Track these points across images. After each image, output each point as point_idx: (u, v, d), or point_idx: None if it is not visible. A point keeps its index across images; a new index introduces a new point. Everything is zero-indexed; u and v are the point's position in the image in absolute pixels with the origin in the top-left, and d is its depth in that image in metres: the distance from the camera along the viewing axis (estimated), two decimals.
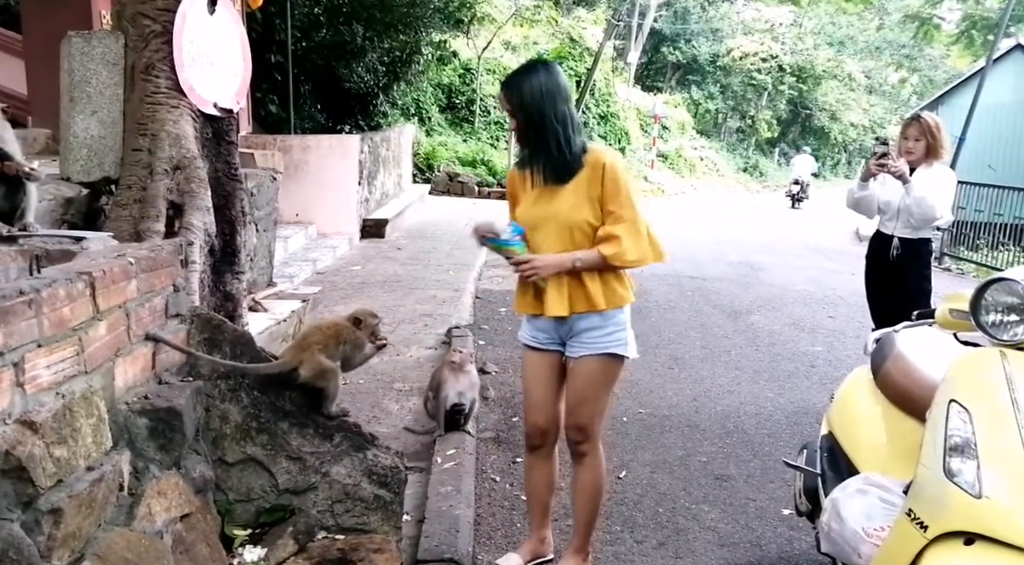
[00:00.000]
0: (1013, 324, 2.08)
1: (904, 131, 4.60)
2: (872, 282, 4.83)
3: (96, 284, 2.23)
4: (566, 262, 2.75)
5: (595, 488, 3.01)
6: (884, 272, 4.65)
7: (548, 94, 2.73)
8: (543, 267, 2.76)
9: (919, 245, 4.61)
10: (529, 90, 2.74)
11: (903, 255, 4.58)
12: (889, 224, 4.65)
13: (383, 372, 5.16)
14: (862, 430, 2.75)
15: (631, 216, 2.75)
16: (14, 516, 1.87)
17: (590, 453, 2.97)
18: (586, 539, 3.06)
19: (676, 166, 27.62)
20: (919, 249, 4.61)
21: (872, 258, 4.83)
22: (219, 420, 2.84)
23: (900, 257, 4.58)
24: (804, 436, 4.12)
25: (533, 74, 2.77)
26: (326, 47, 12.06)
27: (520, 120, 2.78)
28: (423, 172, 17.44)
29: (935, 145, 4.49)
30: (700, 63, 34.10)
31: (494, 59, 22.07)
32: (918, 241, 4.60)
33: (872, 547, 2.16)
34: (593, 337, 2.83)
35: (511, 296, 8.28)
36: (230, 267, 4.06)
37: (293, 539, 2.80)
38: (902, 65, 42.35)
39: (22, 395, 1.92)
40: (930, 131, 4.48)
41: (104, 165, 3.97)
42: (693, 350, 6.31)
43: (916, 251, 4.60)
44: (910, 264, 4.57)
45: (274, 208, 6.44)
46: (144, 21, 3.73)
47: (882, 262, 4.67)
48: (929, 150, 4.50)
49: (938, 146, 4.50)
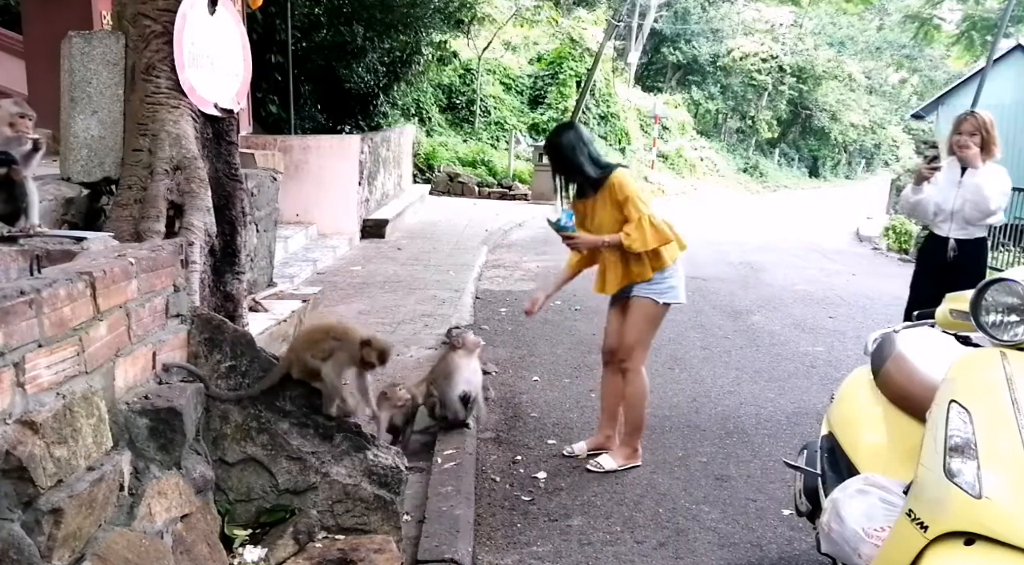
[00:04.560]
0: (1013, 324, 2.08)
1: (958, 126, 4.61)
2: (922, 282, 4.87)
3: (97, 284, 2.23)
4: (597, 242, 3.93)
5: (636, 398, 4.03)
6: (939, 272, 4.65)
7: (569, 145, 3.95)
8: (582, 243, 3.96)
9: (975, 245, 4.65)
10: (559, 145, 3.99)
11: (960, 256, 4.62)
12: (944, 226, 4.68)
13: (384, 373, 5.15)
14: (862, 430, 2.75)
15: (636, 216, 3.81)
16: (15, 516, 1.87)
17: (632, 371, 4.02)
18: (633, 438, 4.09)
19: (676, 167, 27.62)
20: (975, 249, 4.65)
21: (926, 258, 4.88)
22: (219, 420, 2.84)
23: (957, 258, 4.61)
24: (804, 436, 4.12)
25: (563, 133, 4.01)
26: (326, 47, 12.07)
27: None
28: (423, 172, 17.45)
29: (989, 141, 4.52)
30: (700, 63, 34.11)
31: (494, 59, 22.09)
32: (974, 241, 4.64)
33: (872, 547, 2.16)
34: (641, 288, 3.96)
35: (511, 296, 8.30)
36: (230, 267, 4.06)
37: (293, 539, 2.80)
38: (902, 65, 42.41)
39: (23, 395, 1.92)
40: (984, 127, 4.52)
41: (104, 165, 3.97)
42: (693, 350, 6.31)
43: (973, 251, 4.65)
44: (968, 265, 4.59)
45: (274, 208, 6.44)
46: (145, 21, 3.73)
47: (937, 262, 4.70)
48: (983, 146, 4.52)
49: (991, 142, 4.53)
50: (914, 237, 13.25)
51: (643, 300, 3.95)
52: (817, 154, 40.49)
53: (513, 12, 21.03)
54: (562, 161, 3.96)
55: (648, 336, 4.04)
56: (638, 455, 4.11)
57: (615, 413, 4.20)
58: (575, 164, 3.92)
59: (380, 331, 6.13)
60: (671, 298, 3.98)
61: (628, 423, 4.09)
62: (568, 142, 3.93)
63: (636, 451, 4.10)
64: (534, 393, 5.17)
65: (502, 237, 12.33)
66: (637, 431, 4.08)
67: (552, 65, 23.06)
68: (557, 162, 4.00)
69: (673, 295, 3.98)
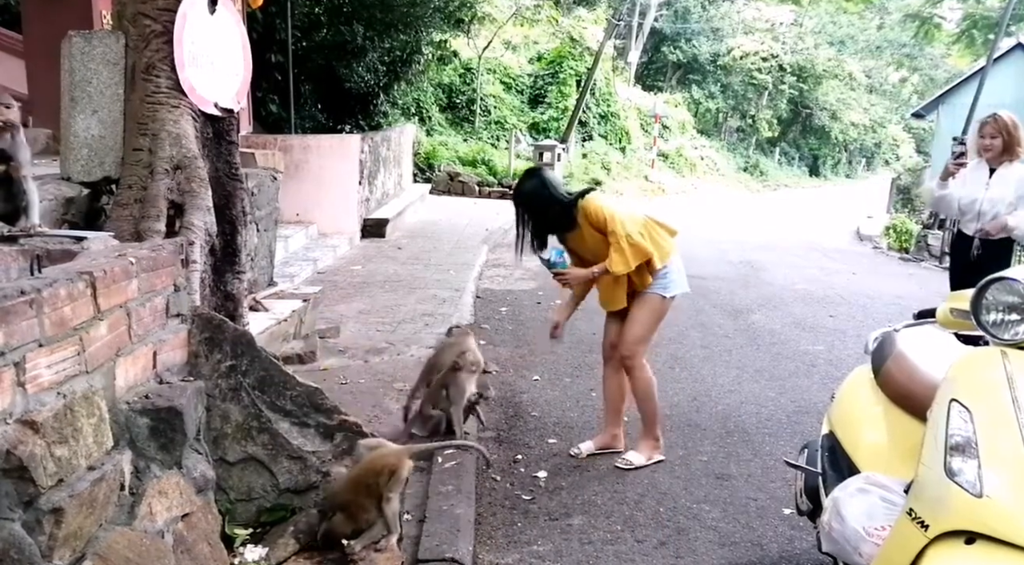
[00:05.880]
0: (1014, 323, 2.08)
1: (981, 129, 4.71)
2: (956, 279, 4.94)
3: (97, 284, 2.23)
4: (586, 275, 4.01)
5: (644, 392, 4.11)
6: (967, 271, 4.70)
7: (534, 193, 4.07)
8: (572, 278, 4.07)
9: (999, 245, 4.69)
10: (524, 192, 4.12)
11: (984, 255, 4.66)
12: (970, 225, 4.74)
13: (384, 372, 5.16)
14: (863, 429, 2.75)
15: (614, 239, 3.85)
16: (15, 515, 1.87)
17: (636, 366, 4.08)
18: (653, 429, 4.14)
19: (677, 166, 27.61)
20: (999, 250, 4.70)
21: (955, 256, 4.99)
22: (220, 420, 2.84)
23: (981, 257, 4.65)
24: (805, 435, 4.12)
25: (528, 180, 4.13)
26: (326, 47, 12.06)
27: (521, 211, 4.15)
28: (424, 172, 17.43)
29: (1011, 142, 4.57)
30: (700, 62, 34.08)
31: (495, 59, 22.07)
32: (998, 242, 4.68)
33: (873, 546, 2.16)
34: (649, 287, 4.01)
35: (511, 296, 8.31)
36: (231, 267, 4.06)
37: (294, 538, 2.81)
38: (903, 64, 42.37)
39: (23, 395, 1.92)
40: (1006, 129, 4.59)
41: (105, 165, 3.97)
42: (693, 349, 6.31)
43: (996, 252, 4.69)
44: (991, 265, 4.60)
45: (275, 208, 6.44)
46: (145, 21, 3.73)
47: (964, 261, 4.77)
48: (1006, 147, 4.60)
49: (1014, 143, 4.60)
50: (914, 236, 13.26)
51: (651, 295, 4.01)
52: (817, 153, 40.48)
53: (513, 11, 21.02)
54: (530, 208, 4.08)
55: (652, 330, 4.13)
56: (661, 447, 4.16)
57: (619, 410, 4.24)
58: (543, 206, 4.01)
59: (381, 330, 6.15)
60: (676, 290, 4.05)
61: (645, 416, 4.14)
62: (532, 189, 4.04)
63: (658, 442, 4.16)
64: (534, 392, 5.17)
65: (502, 236, 12.32)
66: (655, 422, 4.14)
67: (552, 64, 23.05)
68: (527, 210, 4.10)
69: (676, 286, 4.05)
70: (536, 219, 4.08)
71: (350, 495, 2.83)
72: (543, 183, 4.04)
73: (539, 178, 4.09)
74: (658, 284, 4.00)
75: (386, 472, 2.86)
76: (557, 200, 3.99)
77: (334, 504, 2.84)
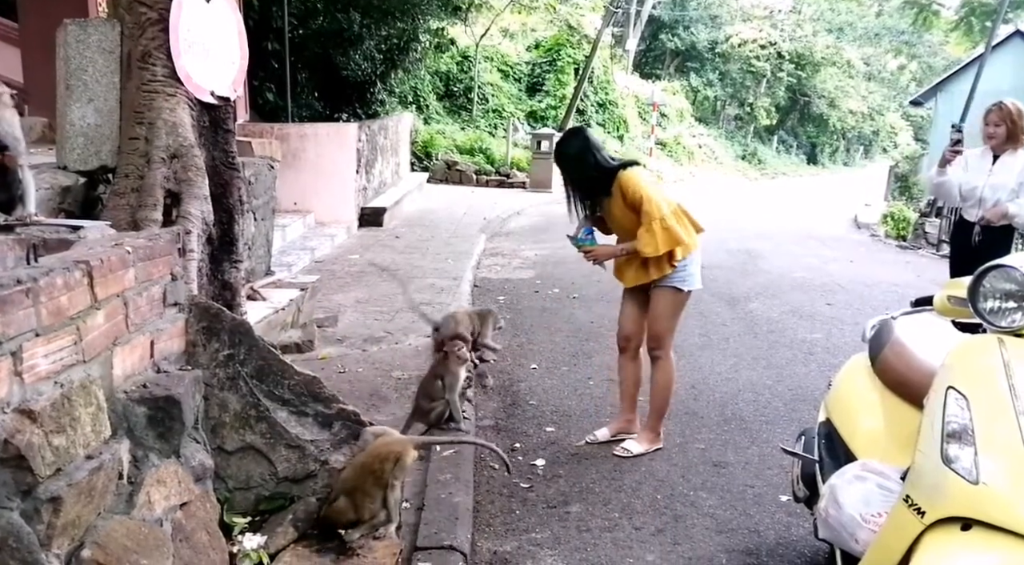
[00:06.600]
0: (1011, 311, 2.09)
1: (985, 117, 4.74)
2: (956, 266, 4.96)
3: (94, 273, 2.23)
4: (614, 251, 4.05)
5: (665, 385, 4.10)
6: (968, 257, 4.71)
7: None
8: (600, 255, 4.08)
9: (1000, 233, 4.72)
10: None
11: (984, 242, 4.69)
12: (972, 211, 4.77)
13: (382, 360, 5.16)
14: (860, 417, 2.76)
15: (647, 220, 3.81)
16: (13, 505, 1.87)
17: (663, 358, 4.08)
18: (657, 422, 4.16)
19: (675, 154, 27.56)
20: (999, 237, 4.72)
21: (956, 243, 5.00)
22: (218, 408, 2.84)
23: (982, 243, 4.68)
24: (802, 423, 4.13)
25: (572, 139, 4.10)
26: (323, 35, 12.00)
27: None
28: (421, 160, 17.38)
29: (1016, 130, 4.62)
30: (699, 50, 33.98)
31: (492, 46, 21.99)
32: (999, 229, 4.71)
33: (869, 533, 2.17)
34: (662, 278, 3.98)
35: (509, 284, 8.31)
36: (228, 256, 4.05)
37: (292, 526, 2.81)
38: (901, 52, 42.24)
39: (20, 384, 1.92)
40: (1011, 116, 4.63)
41: (101, 154, 3.96)
42: (691, 338, 6.31)
43: (998, 238, 4.71)
44: (991, 251, 4.62)
45: (272, 197, 6.43)
46: (140, 9, 3.71)
47: (964, 248, 4.81)
48: (1010, 135, 4.64)
49: (1019, 131, 4.65)
50: (912, 224, 13.26)
51: (667, 289, 4.00)
52: (815, 141, 40.42)
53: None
54: (569, 169, 4.03)
55: (675, 322, 4.11)
56: (660, 438, 4.18)
57: (635, 397, 4.28)
58: (581, 171, 3.97)
59: (378, 319, 6.15)
60: (692, 285, 4.03)
61: (654, 408, 4.15)
62: (575, 150, 3.98)
63: (659, 435, 4.18)
64: (532, 381, 5.18)
65: (500, 225, 12.33)
66: (661, 416, 4.17)
67: (550, 52, 22.97)
68: (565, 171, 4.07)
69: (693, 281, 4.04)
70: (574, 180, 4.04)
71: (357, 481, 2.84)
72: (587, 145, 3.98)
73: (582, 139, 4.03)
74: (676, 277, 3.97)
75: (392, 458, 2.87)
76: (597, 166, 3.94)
77: (340, 489, 2.85)
